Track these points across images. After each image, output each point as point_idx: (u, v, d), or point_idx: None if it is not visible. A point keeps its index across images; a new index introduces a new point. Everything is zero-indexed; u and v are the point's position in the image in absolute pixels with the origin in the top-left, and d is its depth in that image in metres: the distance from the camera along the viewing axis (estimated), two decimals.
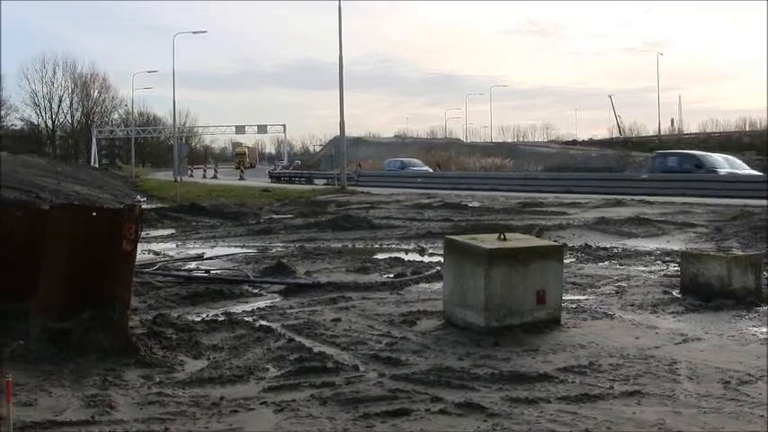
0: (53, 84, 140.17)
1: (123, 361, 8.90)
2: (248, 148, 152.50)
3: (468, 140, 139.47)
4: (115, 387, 8.05)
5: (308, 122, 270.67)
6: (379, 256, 19.18)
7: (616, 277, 14.96)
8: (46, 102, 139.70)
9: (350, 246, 21.64)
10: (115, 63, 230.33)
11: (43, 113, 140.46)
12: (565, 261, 12.52)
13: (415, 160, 79.49)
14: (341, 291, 13.54)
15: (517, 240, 11.20)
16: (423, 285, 14.33)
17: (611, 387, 7.82)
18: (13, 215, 11.39)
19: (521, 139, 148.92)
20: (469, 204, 35.57)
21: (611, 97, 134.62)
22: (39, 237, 10.58)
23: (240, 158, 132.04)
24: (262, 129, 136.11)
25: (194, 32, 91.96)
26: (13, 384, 6.72)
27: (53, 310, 9.76)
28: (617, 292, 13.37)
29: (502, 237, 10.88)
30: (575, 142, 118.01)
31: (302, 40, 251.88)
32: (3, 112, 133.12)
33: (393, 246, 21.76)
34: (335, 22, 57.31)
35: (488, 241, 10.74)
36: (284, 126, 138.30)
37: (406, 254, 19.54)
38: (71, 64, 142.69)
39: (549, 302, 10.50)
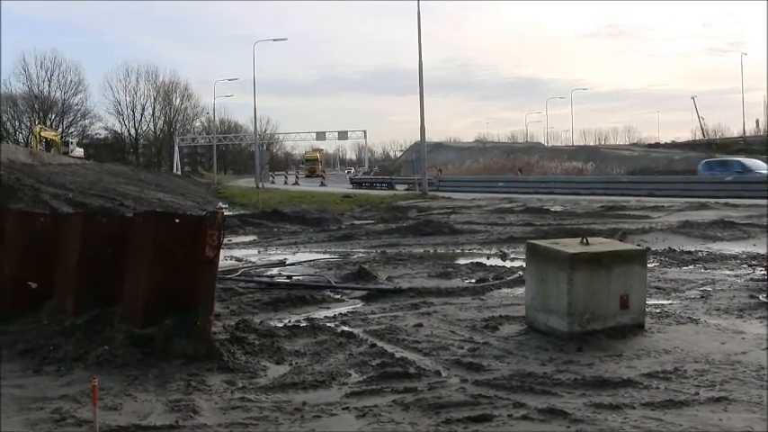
0: (136, 93, 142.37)
1: (206, 366, 8.99)
2: (320, 151, 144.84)
3: (550, 144, 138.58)
4: (199, 392, 8.13)
5: (389, 128, 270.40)
6: (461, 261, 19.14)
7: (701, 281, 14.73)
8: (129, 110, 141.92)
9: (431, 251, 21.65)
10: (196, 71, 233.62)
11: (126, 122, 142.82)
12: (648, 265, 12.39)
13: (757, 162, 54.23)
14: (423, 296, 13.54)
15: (600, 245, 11.09)
16: (505, 290, 14.26)
17: (697, 393, 7.70)
18: (99, 223, 11.55)
19: (602, 143, 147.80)
20: (551, 209, 35.36)
21: (693, 99, 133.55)
22: (123, 244, 10.73)
23: (311, 165, 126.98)
24: (342, 135, 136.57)
25: (275, 40, 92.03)
26: (99, 388, 6.83)
27: (137, 315, 9.90)
28: (702, 297, 13.16)
29: (584, 241, 10.78)
30: (657, 145, 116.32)
31: (382, 46, 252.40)
32: (87, 122, 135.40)
33: (475, 251, 21.70)
34: (415, 27, 57.21)
35: (571, 246, 10.65)
36: (365, 132, 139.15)
37: (488, 259, 19.46)
38: (153, 73, 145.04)
39: (632, 307, 10.37)
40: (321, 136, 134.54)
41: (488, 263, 18.36)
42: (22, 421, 7.34)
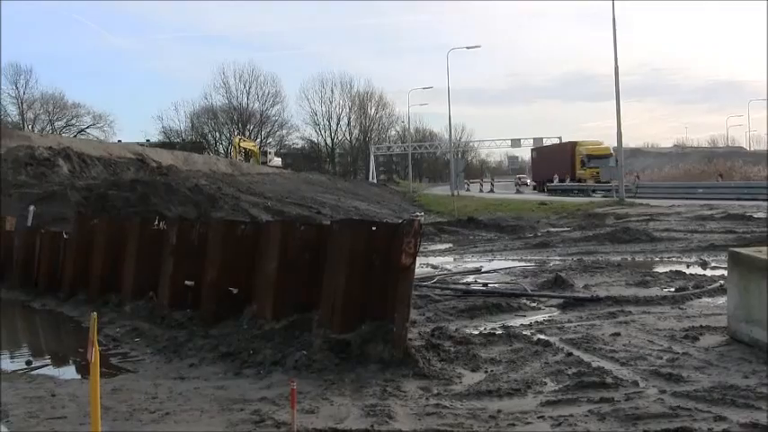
0: (331, 103, 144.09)
1: (402, 372, 9.05)
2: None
3: (752, 148, 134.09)
4: (394, 397, 8.19)
5: (583, 134, 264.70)
6: (660, 269, 18.73)
7: None
8: (325, 120, 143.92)
9: (629, 259, 21.28)
10: (391, 81, 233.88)
11: (322, 132, 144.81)
12: None
13: None
14: (620, 305, 13.30)
15: None
16: (705, 300, 13.87)
17: None
18: (297, 231, 11.78)
19: None
20: (754, 215, 34.10)
21: None
22: (320, 251, 10.92)
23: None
24: (537, 142, 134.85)
25: (468, 48, 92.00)
26: (297, 392, 6.95)
27: (335, 321, 10.06)
28: None
29: None
30: None
31: (574, 52, 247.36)
32: (284, 132, 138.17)
33: (674, 259, 21.22)
34: (605, 33, 56.24)
35: None
36: (560, 138, 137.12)
37: (688, 267, 18.99)
38: (348, 83, 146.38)
39: None
40: (516, 143, 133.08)
41: (688, 271, 17.92)
42: (224, 422, 7.57)
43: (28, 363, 11.91)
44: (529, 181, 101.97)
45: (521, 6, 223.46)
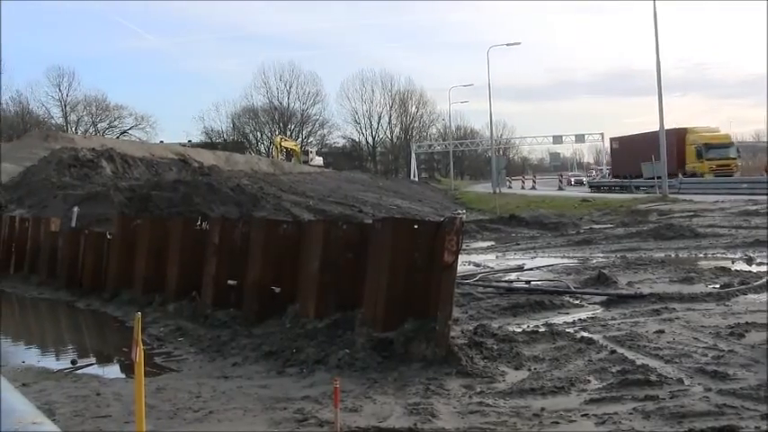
0: (372, 101, 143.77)
1: (445, 370, 9.05)
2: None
3: None
4: (437, 396, 8.19)
5: (625, 130, 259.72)
6: (704, 265, 18.57)
7: None
8: (366, 119, 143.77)
9: (673, 255, 21.14)
10: (431, 78, 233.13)
11: (363, 130, 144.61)
12: None
13: None
14: (664, 302, 13.20)
15: None
16: (751, 296, 13.75)
17: None
18: (339, 230, 11.81)
19: None
20: None
21: None
22: (363, 250, 10.94)
23: (724, 155, 70.25)
24: (579, 138, 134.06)
25: (508, 45, 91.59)
26: (340, 390, 6.96)
27: (377, 319, 10.07)
28: None
29: None
30: None
31: (615, 47, 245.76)
32: (325, 131, 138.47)
33: (718, 255, 21.03)
34: (647, 27, 55.64)
35: None
36: (602, 135, 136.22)
37: (733, 263, 18.79)
38: (388, 81, 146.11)
39: None
40: (558, 139, 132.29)
41: (733, 267, 17.75)
42: (267, 420, 7.61)
43: (73, 362, 12.01)
44: (585, 179, 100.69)
45: (560, 2, 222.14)
